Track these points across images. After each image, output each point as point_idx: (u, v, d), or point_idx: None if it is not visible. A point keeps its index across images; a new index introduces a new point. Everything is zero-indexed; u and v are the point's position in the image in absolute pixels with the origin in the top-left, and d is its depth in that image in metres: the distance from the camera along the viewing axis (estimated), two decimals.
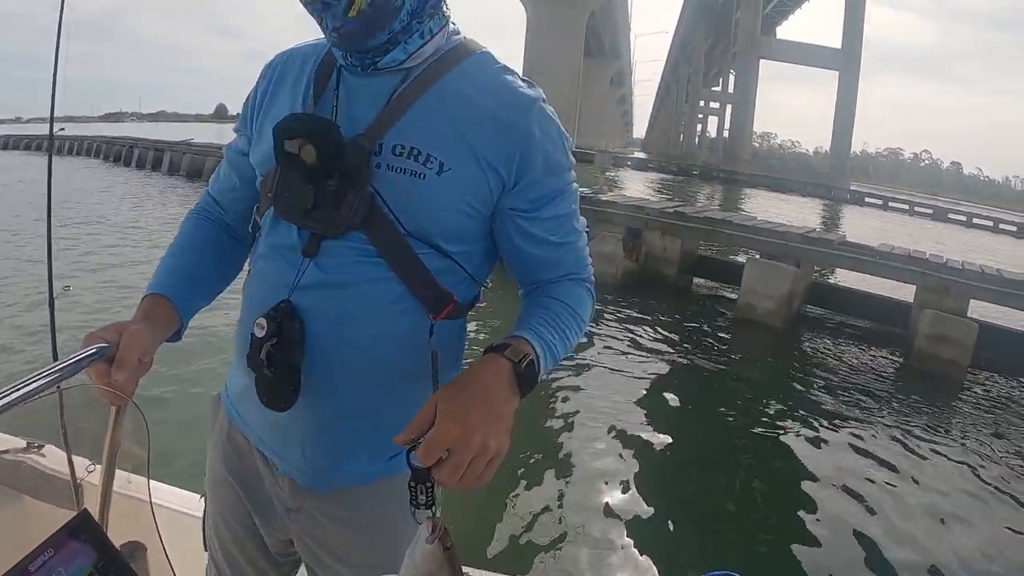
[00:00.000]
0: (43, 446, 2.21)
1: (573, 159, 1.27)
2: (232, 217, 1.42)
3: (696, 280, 13.24)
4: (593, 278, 1.33)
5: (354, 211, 1.13)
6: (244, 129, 1.35)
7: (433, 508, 1.02)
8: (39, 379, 1.06)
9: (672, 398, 7.64)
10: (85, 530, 1.08)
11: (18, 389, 1.01)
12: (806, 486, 5.80)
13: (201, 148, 33.11)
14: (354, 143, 1.13)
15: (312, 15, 1.13)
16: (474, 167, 1.15)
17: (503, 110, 1.16)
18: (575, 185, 1.28)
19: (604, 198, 14.23)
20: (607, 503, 5.20)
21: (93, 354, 1.13)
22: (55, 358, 1.31)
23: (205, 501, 1.52)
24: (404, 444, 0.99)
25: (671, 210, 13.37)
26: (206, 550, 1.54)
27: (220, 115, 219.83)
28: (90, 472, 1.47)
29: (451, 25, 1.25)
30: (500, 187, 1.18)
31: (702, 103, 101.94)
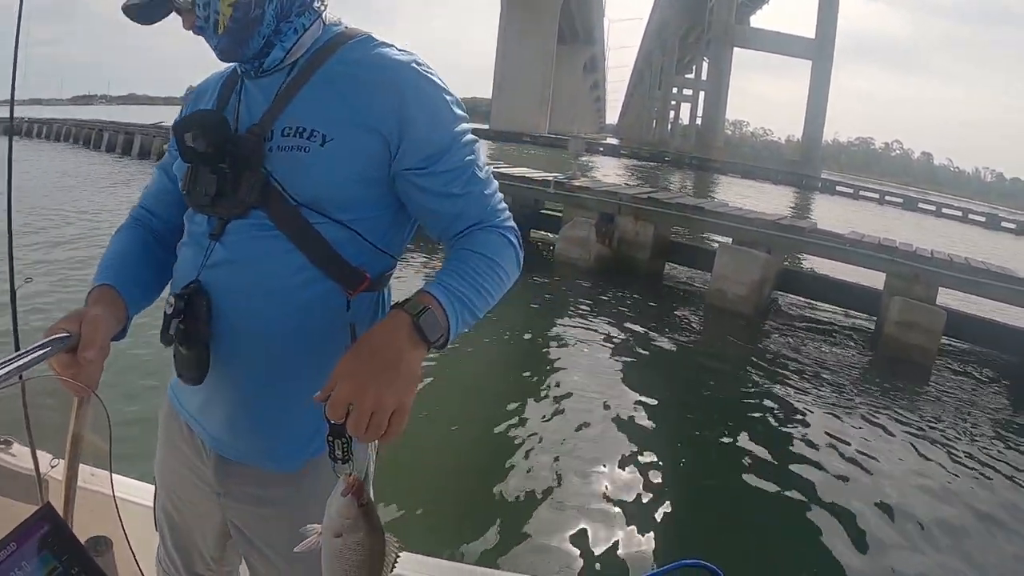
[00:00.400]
0: (3, 440, 2.19)
1: (462, 112, 1.31)
2: (165, 224, 1.49)
3: (668, 265, 13.29)
4: (511, 223, 1.34)
5: (251, 191, 1.22)
6: (173, 146, 1.42)
7: (350, 463, 1.09)
8: (3, 368, 1.05)
9: (642, 383, 7.60)
10: (48, 525, 1.09)
11: None
12: (775, 472, 5.83)
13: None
14: (248, 132, 1.25)
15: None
16: (356, 133, 1.22)
17: (377, 75, 1.24)
18: (470, 136, 1.32)
19: (577, 183, 14.25)
20: (570, 490, 5.19)
21: (56, 342, 1.14)
22: (16, 346, 1.34)
23: (156, 484, 1.57)
24: (319, 402, 1.06)
25: (644, 196, 13.41)
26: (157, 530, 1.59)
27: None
28: (54, 467, 1.44)
29: (327, 17, 1.35)
30: (386, 148, 1.23)
31: (675, 90, 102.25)
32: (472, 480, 5.27)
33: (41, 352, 1.13)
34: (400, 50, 1.28)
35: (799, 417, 7.09)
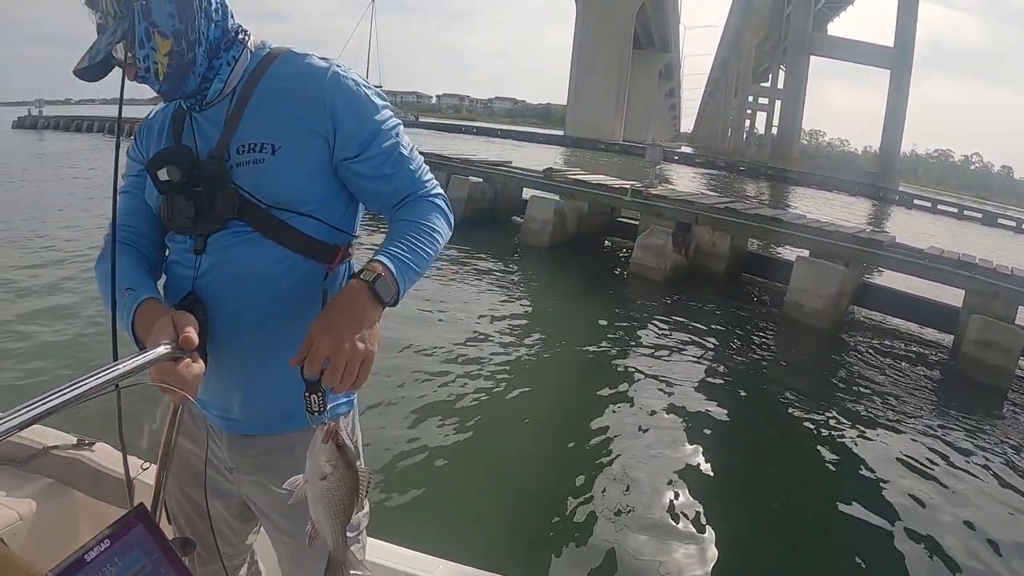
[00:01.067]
0: (94, 443, 2.35)
1: (382, 100, 1.53)
2: (149, 241, 1.59)
3: (744, 276, 13.18)
4: (437, 189, 1.59)
5: (227, 206, 1.41)
6: (140, 173, 1.57)
7: (326, 413, 1.32)
8: (105, 375, 1.10)
9: (714, 395, 7.57)
10: (141, 524, 1.13)
11: (83, 384, 1.04)
12: (848, 492, 5.69)
13: None
14: (209, 157, 1.43)
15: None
16: (299, 137, 1.43)
17: (305, 83, 1.45)
18: (392, 121, 1.53)
19: (655, 192, 14.27)
20: (637, 502, 5.19)
21: (166, 353, 1.22)
22: (115, 355, 1.36)
23: (165, 475, 1.65)
24: (296, 364, 1.27)
25: (722, 206, 13.40)
26: (170, 523, 1.70)
27: None
28: (144, 470, 1.52)
29: (252, 43, 1.52)
30: (326, 144, 1.45)
31: (751, 98, 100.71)
32: (536, 489, 5.35)
33: (150, 361, 1.20)
34: (321, 58, 1.50)
35: (873, 436, 6.96)
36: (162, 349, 1.21)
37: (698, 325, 10.22)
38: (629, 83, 68.06)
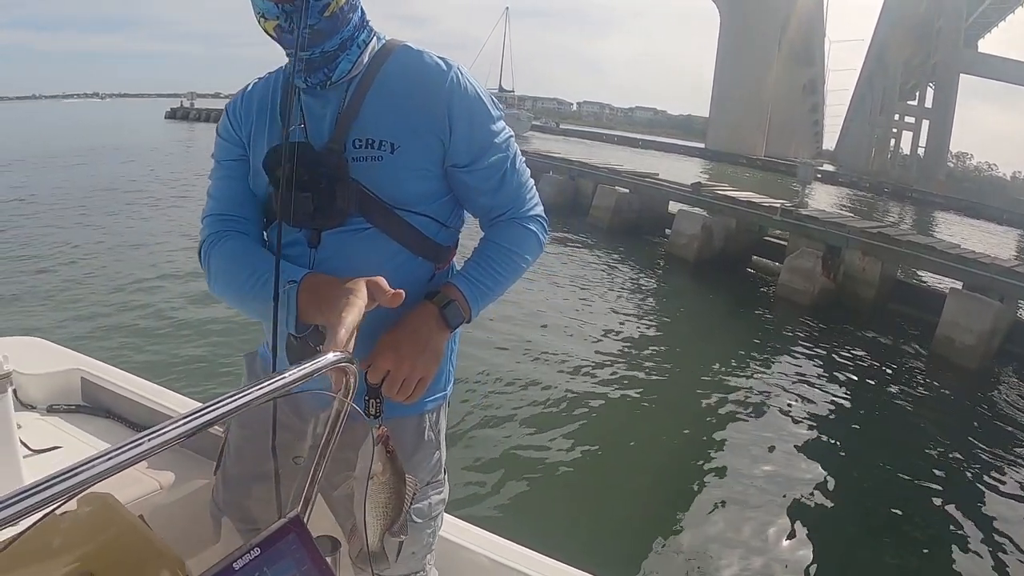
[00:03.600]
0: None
1: (497, 109, 1.54)
2: (255, 227, 1.57)
3: (892, 306, 12.62)
4: (536, 210, 1.62)
5: (348, 202, 1.41)
6: (247, 153, 1.55)
7: (380, 419, 1.37)
8: (270, 385, 1.07)
9: (845, 429, 7.39)
10: (294, 534, 1.12)
11: (254, 391, 1.01)
12: (989, 547, 5.40)
13: None
14: (327, 150, 1.42)
15: (281, 22, 1.36)
16: (416, 138, 1.44)
17: (424, 81, 1.45)
18: (506, 132, 1.56)
19: (805, 212, 14.09)
20: (744, 537, 5.10)
21: (334, 361, 1.17)
22: (274, 355, 1.43)
23: (226, 434, 1.81)
24: (363, 368, 1.36)
25: (874, 230, 13.08)
26: (216, 472, 1.84)
27: None
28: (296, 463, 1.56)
29: (375, 33, 1.52)
30: (441, 147, 1.46)
31: (896, 117, 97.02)
32: (642, 502, 5.44)
33: (318, 367, 1.14)
34: (439, 57, 1.48)
35: (1016, 494, 6.45)
36: (331, 356, 1.16)
37: (841, 354, 9.98)
38: (772, 97, 66.80)
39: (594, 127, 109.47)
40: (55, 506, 0.76)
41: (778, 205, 14.34)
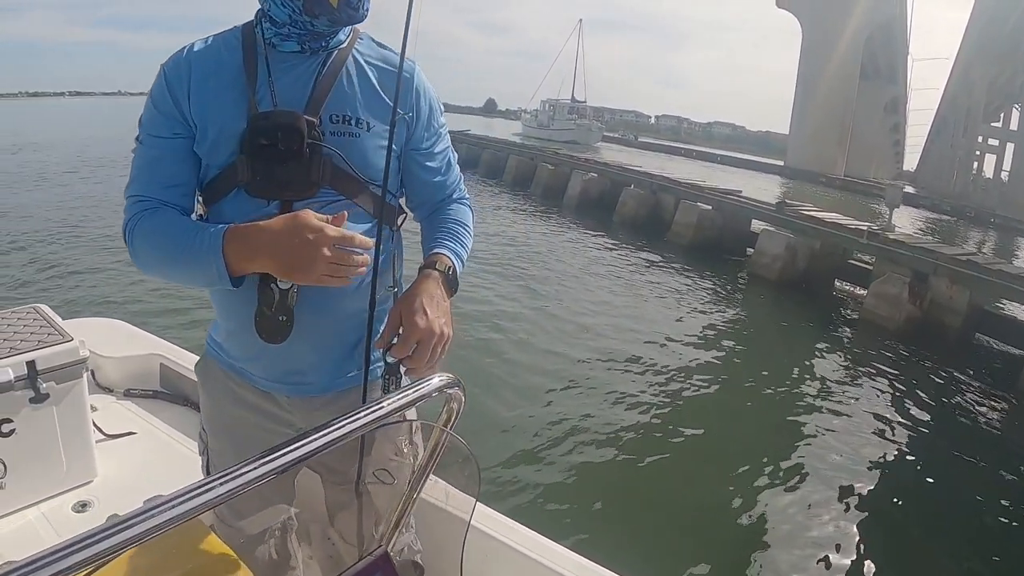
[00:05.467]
0: None
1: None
2: (181, 212, 1.52)
3: (979, 336, 12.23)
4: (466, 191, 1.83)
5: (320, 173, 1.45)
6: (181, 130, 1.47)
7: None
8: (398, 400, 1.10)
9: (923, 458, 7.21)
10: (380, 572, 1.14)
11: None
12: None
13: (477, 140, 34.95)
14: (307, 120, 1.43)
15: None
16: (387, 119, 1.52)
17: (394, 74, 1.53)
18: (447, 126, 1.74)
19: (892, 236, 13.76)
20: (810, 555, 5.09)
21: (440, 385, 1.19)
22: (366, 371, 1.46)
23: (207, 442, 1.75)
24: (382, 347, 1.43)
25: (963, 257, 12.65)
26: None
27: (489, 109, 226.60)
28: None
29: None
30: (406, 130, 1.59)
31: (979, 139, 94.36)
32: (692, 520, 5.41)
33: (422, 393, 1.16)
34: (395, 51, 1.58)
35: None
36: (436, 381, 1.17)
37: (922, 384, 9.63)
38: (853, 115, 65.72)
39: (672, 141, 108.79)
40: (146, 540, 0.75)
41: (864, 228, 14.09)
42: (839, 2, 60.06)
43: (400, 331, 1.41)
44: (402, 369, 1.44)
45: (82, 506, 2.59)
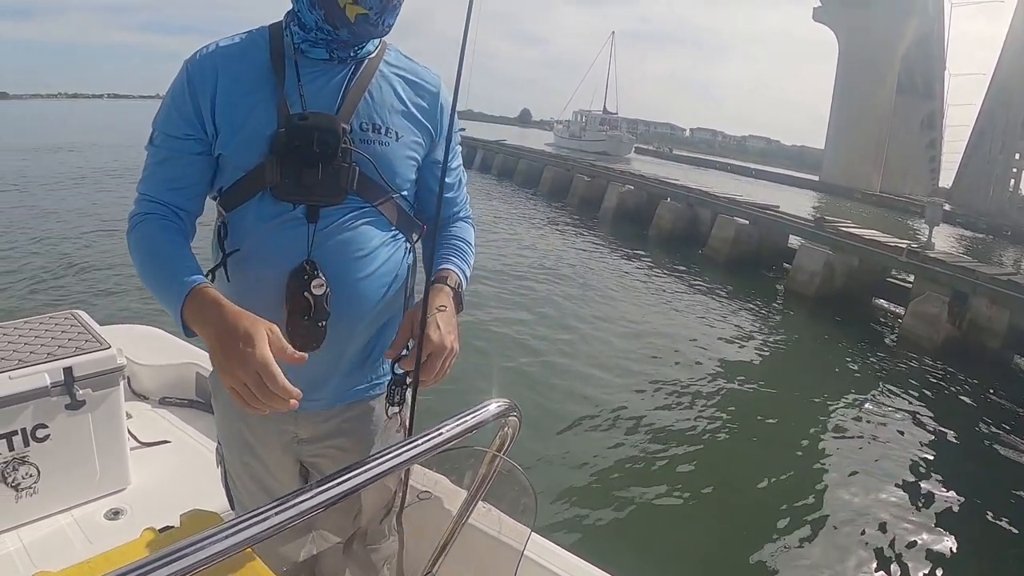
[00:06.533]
0: None
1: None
2: (189, 217, 1.53)
3: (1019, 358, 12.01)
4: (471, 212, 1.83)
5: (349, 181, 1.46)
6: (195, 133, 1.47)
7: (401, 407, 1.45)
8: (454, 428, 1.10)
9: (954, 485, 6.93)
10: None
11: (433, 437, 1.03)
12: None
13: (513, 149, 35.03)
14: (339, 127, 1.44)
15: (372, 14, 1.43)
16: (416, 130, 1.56)
17: (427, 83, 1.59)
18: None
19: (932, 254, 13.52)
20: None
21: (499, 412, 1.20)
22: (414, 396, 1.41)
23: (223, 454, 1.73)
24: (392, 357, 1.44)
25: (1003, 278, 12.32)
26: (232, 508, 1.76)
27: (524, 119, 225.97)
28: None
29: None
30: (430, 141, 1.60)
31: (1017, 156, 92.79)
32: (727, 538, 5.46)
33: (479, 420, 1.15)
34: (422, 65, 1.62)
35: None
36: (494, 407, 1.17)
37: (960, 409, 9.46)
38: (889, 130, 65.11)
39: (706, 154, 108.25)
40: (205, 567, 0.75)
41: (903, 246, 13.98)
42: (877, 16, 59.45)
43: (411, 343, 1.42)
44: (407, 382, 1.44)
45: (115, 514, 2.60)
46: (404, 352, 1.42)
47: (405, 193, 1.58)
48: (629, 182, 24.32)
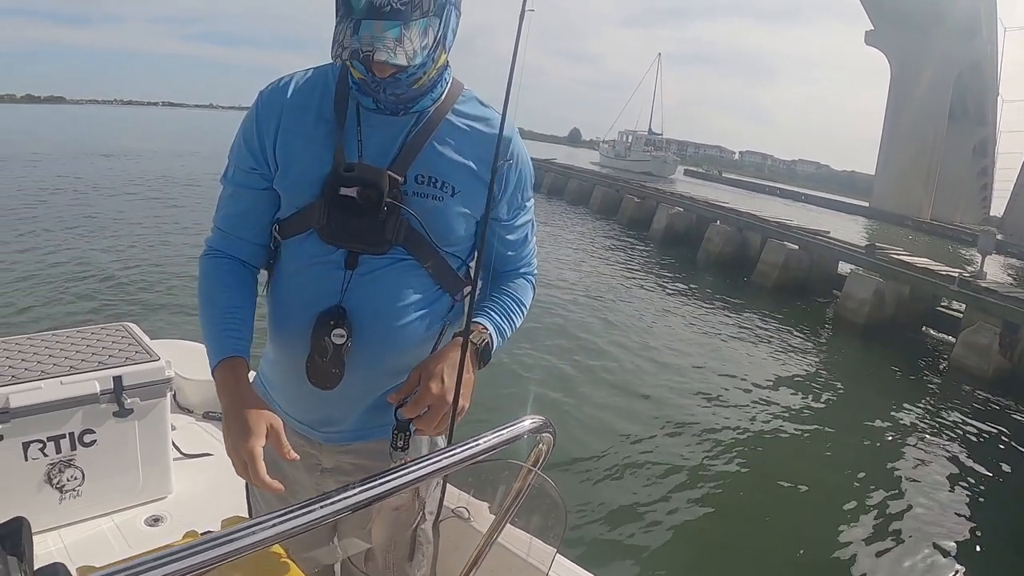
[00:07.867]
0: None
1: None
2: (252, 247, 1.57)
3: None
4: (535, 267, 1.75)
5: (395, 233, 1.43)
6: (259, 167, 1.50)
7: (406, 451, 1.42)
8: (491, 439, 1.11)
9: (1004, 519, 6.91)
10: None
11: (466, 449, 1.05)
12: None
13: (563, 169, 35.34)
14: (390, 178, 1.40)
15: (368, 79, 1.38)
16: (476, 185, 1.47)
17: (492, 139, 1.45)
18: (533, 200, 1.67)
19: (983, 284, 13.38)
20: None
21: (532, 428, 1.20)
22: (453, 416, 1.41)
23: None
24: (395, 402, 1.41)
25: None
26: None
27: (574, 139, 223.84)
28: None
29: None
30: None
31: None
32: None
33: (514, 435, 1.15)
34: (499, 112, 1.47)
35: None
36: (528, 423, 1.18)
37: (1011, 442, 9.31)
38: (941, 156, 64.17)
39: (755, 177, 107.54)
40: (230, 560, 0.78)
41: (955, 275, 13.90)
42: (929, 40, 58.73)
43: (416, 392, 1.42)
44: (411, 428, 1.45)
45: (155, 520, 2.68)
46: (408, 400, 1.43)
47: (453, 250, 1.54)
48: (678, 204, 24.38)
